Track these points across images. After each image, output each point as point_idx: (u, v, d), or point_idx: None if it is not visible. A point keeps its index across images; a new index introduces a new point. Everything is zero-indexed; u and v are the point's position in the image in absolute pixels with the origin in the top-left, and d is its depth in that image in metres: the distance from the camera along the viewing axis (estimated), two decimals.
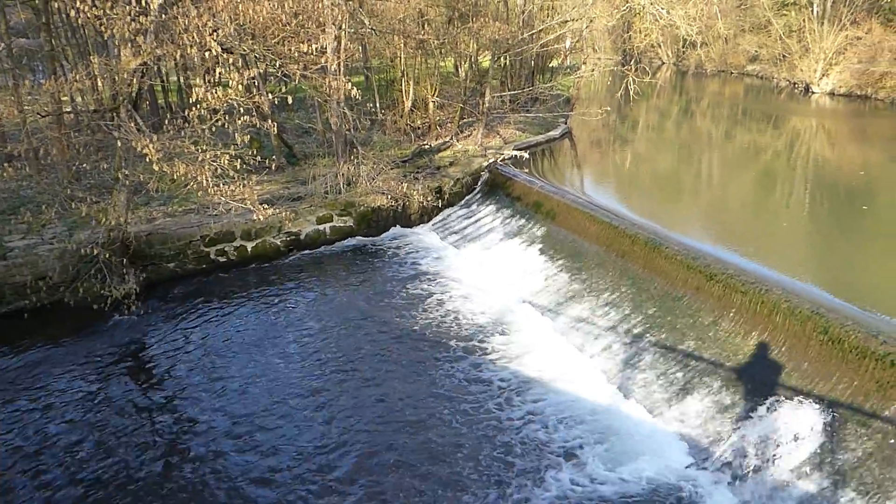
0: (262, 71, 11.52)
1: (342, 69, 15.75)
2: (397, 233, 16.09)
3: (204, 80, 9.34)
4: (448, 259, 14.47)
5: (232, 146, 10.12)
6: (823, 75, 36.89)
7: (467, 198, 17.57)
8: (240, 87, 9.19)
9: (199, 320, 11.56)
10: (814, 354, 8.24)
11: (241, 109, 9.72)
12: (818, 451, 7.35)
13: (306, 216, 14.87)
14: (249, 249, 14.04)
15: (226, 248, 13.76)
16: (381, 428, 8.66)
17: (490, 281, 13.14)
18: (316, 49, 10.91)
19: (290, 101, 10.62)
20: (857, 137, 25.68)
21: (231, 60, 9.44)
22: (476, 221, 16.11)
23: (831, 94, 36.08)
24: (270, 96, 10.43)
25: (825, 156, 22.60)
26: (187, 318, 11.65)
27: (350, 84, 12.40)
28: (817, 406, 7.74)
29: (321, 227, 15.03)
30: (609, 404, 9.15)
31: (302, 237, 14.76)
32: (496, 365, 10.17)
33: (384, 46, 21.57)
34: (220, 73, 9.34)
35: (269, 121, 10.56)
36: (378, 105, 21.48)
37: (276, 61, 10.82)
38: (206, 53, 9.08)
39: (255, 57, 10.89)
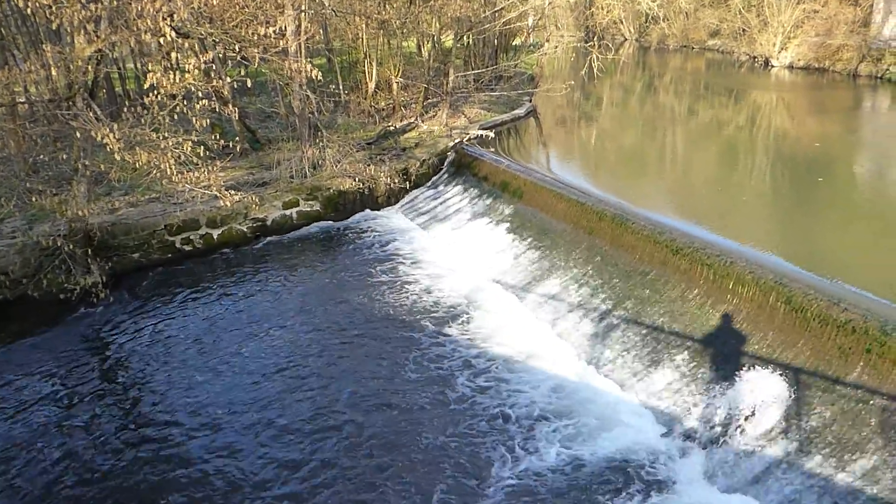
0: (220, 55, 11.31)
1: (303, 51, 15.56)
2: (365, 216, 16.02)
3: (161, 65, 9.13)
4: (416, 240, 14.46)
5: (193, 132, 9.97)
6: (782, 49, 37.30)
7: (434, 179, 17.53)
8: (197, 71, 9.04)
9: (167, 310, 11.43)
10: (778, 323, 8.42)
11: (200, 94, 9.55)
12: (784, 416, 7.52)
13: (272, 201, 14.73)
14: (216, 237, 13.89)
15: (191, 237, 13.59)
16: (347, 409, 8.68)
17: (459, 261, 13.17)
18: (275, 31, 10.75)
19: (249, 84, 10.47)
20: (814, 110, 26.06)
21: (188, 45, 9.25)
22: (443, 202, 16.10)
23: (790, 67, 36.53)
24: (230, 80, 10.25)
25: (785, 129, 22.93)
26: (154, 308, 11.51)
27: (312, 66, 12.26)
28: (782, 373, 7.91)
29: (288, 212, 14.91)
30: (580, 379, 9.26)
31: (268, 223, 14.63)
32: (466, 344, 10.22)
33: (345, 27, 21.32)
34: (177, 58, 9.15)
35: (230, 105, 10.40)
36: (341, 87, 21.28)
37: (234, 45, 10.64)
38: (162, 39, 8.89)
39: (213, 41, 10.70)
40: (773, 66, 37.03)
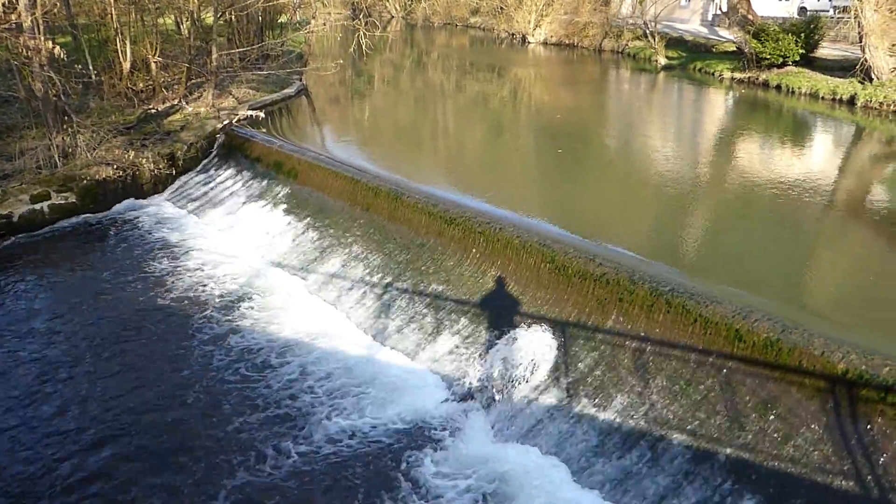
0: None
1: (41, 27, 14.03)
2: (130, 205, 14.93)
3: None
4: (189, 228, 13.76)
5: None
6: (536, 26, 39.90)
7: (204, 162, 16.73)
8: None
9: None
10: (545, 282, 9.05)
11: None
12: (554, 367, 8.13)
13: (17, 195, 13.25)
14: None
15: None
16: (121, 420, 8.06)
17: (236, 247, 12.73)
18: (4, 5, 9.61)
19: None
20: (566, 82, 28.26)
21: None
22: (216, 186, 15.43)
23: (544, 43, 39.21)
24: None
25: (542, 101, 24.67)
26: None
27: (53, 44, 11.12)
28: (551, 328, 8.55)
29: (37, 206, 13.48)
30: (366, 354, 9.37)
31: (15, 219, 13.12)
32: (248, 331, 9.94)
33: (91, 1, 19.58)
34: None
35: None
36: (91, 67, 19.51)
37: None
38: None
39: None
40: (529, 43, 39.52)
